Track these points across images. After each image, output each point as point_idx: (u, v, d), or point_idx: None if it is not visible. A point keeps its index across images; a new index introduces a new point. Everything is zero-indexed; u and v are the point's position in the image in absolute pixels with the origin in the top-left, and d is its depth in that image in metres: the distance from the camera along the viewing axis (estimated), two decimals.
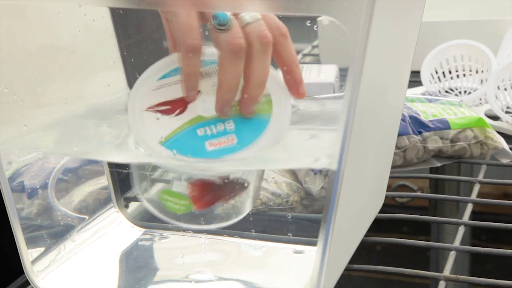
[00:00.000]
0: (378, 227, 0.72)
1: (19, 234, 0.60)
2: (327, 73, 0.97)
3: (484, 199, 0.76)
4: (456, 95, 1.03)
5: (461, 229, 0.70)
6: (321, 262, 0.51)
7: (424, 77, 1.03)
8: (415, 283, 1.79)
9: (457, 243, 0.68)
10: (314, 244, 0.52)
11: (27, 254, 0.61)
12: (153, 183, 0.65)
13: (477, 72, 1.03)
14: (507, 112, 0.95)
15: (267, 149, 0.56)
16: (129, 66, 0.70)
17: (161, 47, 0.69)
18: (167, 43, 0.60)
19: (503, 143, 0.84)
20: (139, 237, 0.71)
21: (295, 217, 0.73)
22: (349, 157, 0.49)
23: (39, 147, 0.62)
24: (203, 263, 0.66)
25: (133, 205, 0.74)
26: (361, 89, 0.47)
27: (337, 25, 0.45)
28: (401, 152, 0.81)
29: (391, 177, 0.73)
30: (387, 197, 0.73)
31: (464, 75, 1.03)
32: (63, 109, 0.64)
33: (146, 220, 0.73)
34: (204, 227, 0.62)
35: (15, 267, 0.64)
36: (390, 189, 0.78)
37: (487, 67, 1.01)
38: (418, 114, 0.83)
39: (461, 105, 0.87)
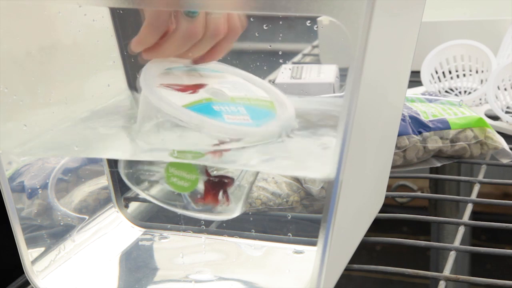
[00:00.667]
0: (378, 227, 0.72)
1: (19, 234, 0.60)
2: (327, 73, 0.97)
3: (484, 199, 0.76)
4: (456, 95, 1.03)
5: (461, 229, 0.70)
6: (321, 262, 0.51)
7: (424, 77, 1.03)
8: (415, 283, 1.79)
9: (457, 243, 0.68)
10: (314, 244, 0.52)
11: (27, 254, 0.61)
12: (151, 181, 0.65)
13: (477, 72, 1.03)
14: (507, 112, 0.95)
15: (269, 152, 0.56)
16: (129, 66, 0.70)
17: None
18: None
19: (503, 143, 0.84)
20: (139, 237, 0.71)
21: (295, 217, 0.73)
22: (349, 157, 0.49)
23: (39, 148, 0.62)
24: (203, 263, 0.66)
25: (133, 205, 0.74)
26: (361, 89, 0.47)
27: (337, 25, 0.45)
28: (401, 152, 0.81)
29: (391, 177, 0.73)
30: (387, 197, 0.73)
31: (464, 75, 1.03)
32: (63, 109, 0.64)
33: (146, 220, 0.73)
34: (202, 216, 0.62)
35: (9, 266, 0.65)
36: (390, 189, 0.78)
37: (487, 67, 1.01)
38: (418, 114, 0.83)
39: (461, 105, 0.87)
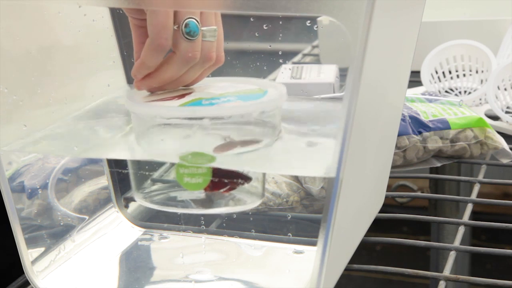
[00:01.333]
0: (378, 227, 0.72)
1: (19, 234, 0.60)
2: (327, 73, 0.97)
3: (484, 199, 0.76)
4: (456, 95, 1.03)
5: (461, 229, 0.70)
6: (321, 262, 0.51)
7: (424, 77, 1.03)
8: (415, 283, 1.79)
9: (457, 243, 0.68)
10: (314, 244, 0.52)
11: (27, 254, 0.61)
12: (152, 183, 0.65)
13: (477, 72, 1.03)
14: (507, 112, 0.95)
15: (268, 153, 0.56)
16: (129, 66, 0.70)
17: None
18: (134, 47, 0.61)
19: (503, 143, 0.84)
20: (139, 237, 0.71)
21: (295, 217, 0.73)
22: (349, 157, 0.49)
23: (39, 148, 0.62)
24: (203, 263, 0.66)
25: (133, 205, 0.74)
26: (361, 89, 0.47)
27: (337, 25, 0.45)
28: (401, 152, 0.81)
29: (391, 177, 0.73)
30: (387, 197, 0.73)
31: (464, 75, 1.03)
32: (63, 109, 0.64)
33: (146, 220, 0.73)
34: (208, 211, 0.62)
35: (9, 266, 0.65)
36: (390, 189, 0.78)
37: (487, 67, 1.01)
38: (418, 114, 0.83)
39: (461, 105, 0.87)
